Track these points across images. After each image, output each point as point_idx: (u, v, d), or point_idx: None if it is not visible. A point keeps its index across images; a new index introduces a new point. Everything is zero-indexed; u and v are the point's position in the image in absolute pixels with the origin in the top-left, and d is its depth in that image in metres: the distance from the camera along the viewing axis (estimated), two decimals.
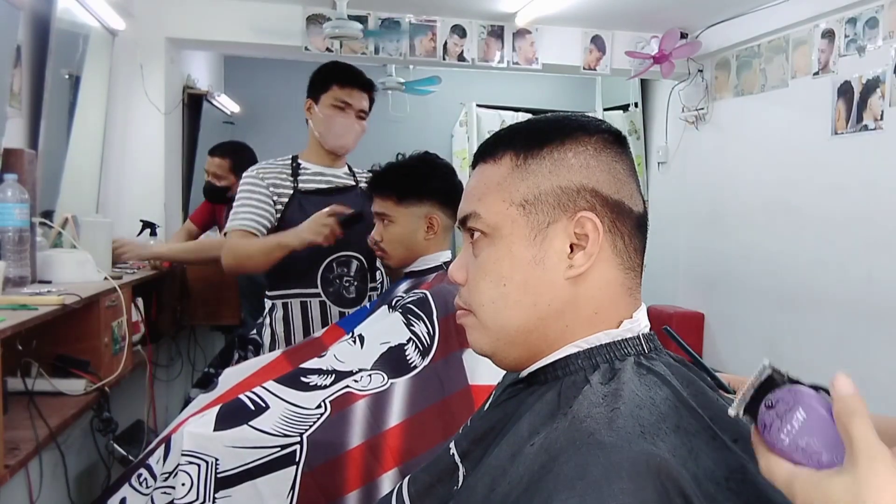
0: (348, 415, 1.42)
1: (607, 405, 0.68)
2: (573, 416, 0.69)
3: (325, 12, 3.58)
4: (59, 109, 2.75)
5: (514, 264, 0.78)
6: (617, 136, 0.81)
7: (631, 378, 0.72)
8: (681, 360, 0.79)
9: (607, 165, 0.78)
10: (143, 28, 3.36)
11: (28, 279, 2.00)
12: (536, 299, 0.77)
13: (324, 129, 2.16)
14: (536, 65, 3.97)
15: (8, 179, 1.93)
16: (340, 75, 2.17)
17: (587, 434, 0.65)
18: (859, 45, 3.06)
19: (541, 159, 0.78)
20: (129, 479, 1.50)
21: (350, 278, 2.16)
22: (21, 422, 1.74)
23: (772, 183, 3.64)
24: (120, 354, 2.24)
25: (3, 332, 1.48)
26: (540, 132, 0.80)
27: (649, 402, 0.69)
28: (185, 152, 3.79)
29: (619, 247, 0.77)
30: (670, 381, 0.72)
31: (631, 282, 0.79)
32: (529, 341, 0.79)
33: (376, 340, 1.56)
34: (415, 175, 1.82)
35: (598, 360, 0.75)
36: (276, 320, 2.16)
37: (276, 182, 2.14)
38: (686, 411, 0.70)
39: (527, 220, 0.77)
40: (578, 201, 0.76)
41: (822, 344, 3.27)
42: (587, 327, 0.77)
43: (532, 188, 0.78)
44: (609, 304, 0.77)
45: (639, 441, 0.63)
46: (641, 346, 0.77)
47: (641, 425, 0.66)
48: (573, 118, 0.82)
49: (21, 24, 2.33)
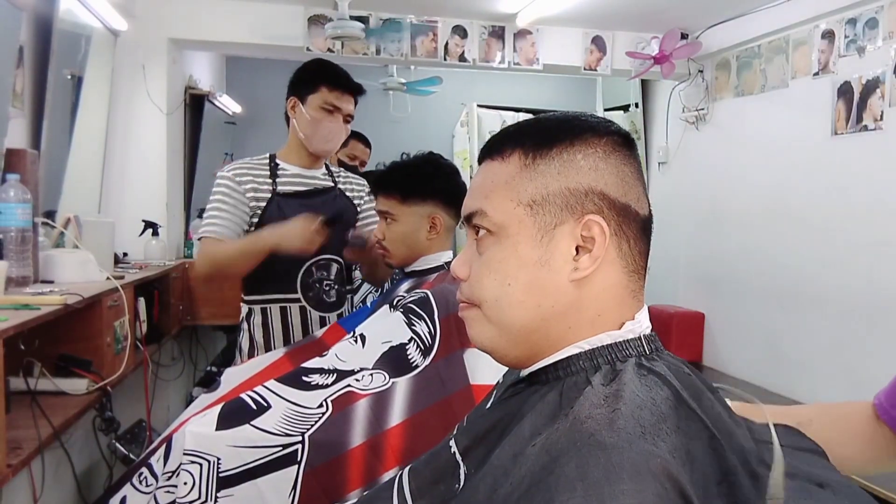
0: (350, 414, 1.42)
1: (608, 406, 0.69)
2: (574, 416, 0.69)
3: (326, 13, 3.58)
4: (62, 110, 2.76)
5: (520, 265, 0.78)
6: (626, 137, 0.81)
7: (632, 379, 0.72)
8: (681, 361, 0.79)
9: (616, 168, 0.78)
10: (145, 28, 3.37)
11: (30, 279, 2.01)
12: (541, 300, 0.77)
13: (310, 132, 2.12)
14: (537, 65, 3.97)
15: (10, 179, 1.94)
16: (330, 77, 2.12)
17: (588, 435, 0.65)
18: (859, 46, 3.06)
19: (550, 160, 0.78)
20: (131, 479, 1.51)
21: (330, 282, 2.14)
22: (23, 421, 1.75)
23: (772, 183, 3.64)
24: (122, 354, 2.25)
25: (5, 332, 1.49)
26: (549, 131, 0.80)
27: (650, 403, 0.69)
28: (186, 152, 3.79)
29: (624, 250, 0.77)
30: (671, 382, 0.72)
31: (634, 284, 0.79)
32: (531, 341, 0.79)
33: (377, 340, 1.56)
34: (419, 175, 1.82)
35: (600, 361, 0.75)
36: (255, 326, 2.14)
37: (254, 185, 2.09)
38: (686, 412, 0.70)
39: (534, 220, 0.77)
40: (586, 204, 0.76)
41: (822, 344, 3.27)
42: (590, 329, 0.77)
43: (540, 188, 0.77)
44: (612, 306, 0.77)
45: (639, 442, 0.64)
46: (643, 346, 0.77)
47: (642, 426, 0.66)
48: (583, 118, 0.81)
49: (23, 25, 2.33)
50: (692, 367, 0.79)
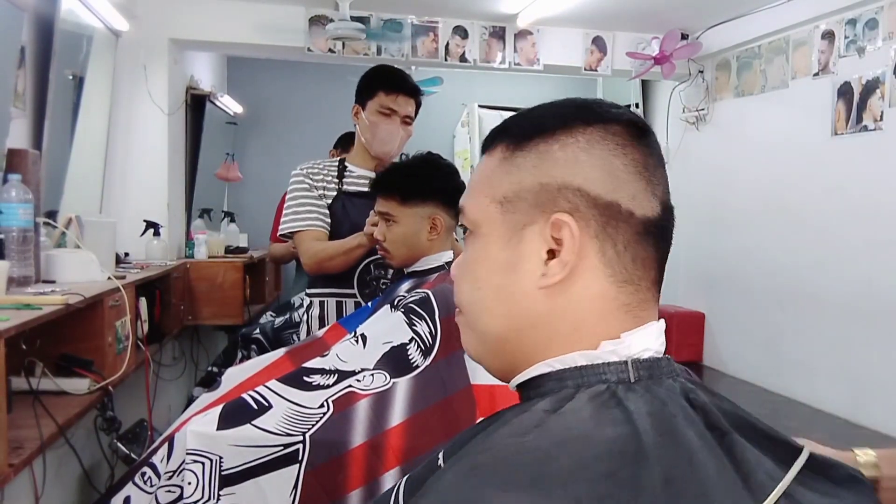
0: (350, 414, 1.42)
1: (522, 436, 0.59)
2: (489, 441, 0.62)
3: (327, 13, 3.59)
4: (63, 110, 2.76)
5: (490, 268, 0.70)
6: (631, 125, 0.69)
7: (581, 408, 0.61)
8: (706, 398, 0.65)
9: (602, 160, 0.67)
10: (146, 29, 3.37)
11: (32, 279, 2.02)
12: (509, 308, 0.69)
13: (370, 136, 2.19)
14: (538, 65, 3.98)
15: (12, 180, 1.95)
16: (386, 81, 2.20)
17: (471, 467, 0.58)
18: (859, 46, 3.06)
19: (527, 152, 0.69)
20: (133, 478, 1.51)
21: (387, 280, 2.18)
22: (25, 421, 1.75)
23: (772, 183, 3.65)
24: (123, 354, 2.26)
25: (7, 332, 1.49)
26: (535, 120, 0.71)
27: (581, 442, 0.57)
28: (188, 153, 3.80)
29: (609, 256, 0.66)
30: (635, 422, 0.59)
31: (628, 297, 0.67)
32: (507, 352, 0.71)
33: (378, 340, 1.56)
34: (419, 175, 1.83)
35: (570, 384, 0.65)
36: (313, 318, 2.21)
37: (323, 183, 2.19)
38: (639, 458, 0.56)
39: (503, 219, 0.69)
40: (559, 201, 0.66)
41: (822, 344, 3.28)
42: (565, 345, 0.66)
43: (514, 184, 0.69)
44: (595, 321, 0.66)
45: (516, 491, 0.54)
46: (627, 373, 0.64)
47: (542, 470, 0.56)
48: (580, 104, 0.71)
49: (25, 26, 2.34)
50: (722, 407, 0.65)
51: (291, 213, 2.19)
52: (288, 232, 2.19)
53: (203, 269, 3.47)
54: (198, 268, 3.46)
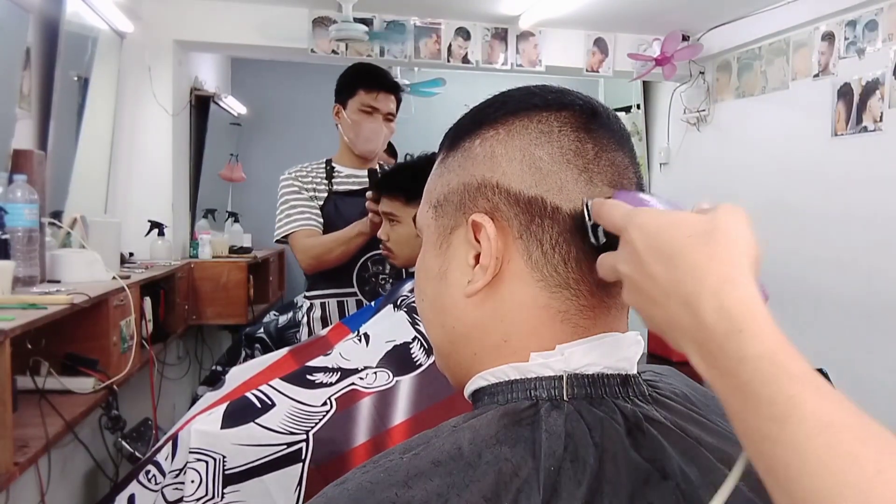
0: (354, 412, 1.43)
1: (402, 454, 0.55)
2: (381, 458, 0.57)
3: (330, 15, 3.60)
4: (68, 111, 2.78)
5: (426, 277, 0.66)
6: (565, 108, 0.61)
7: (486, 426, 0.55)
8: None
9: (521, 151, 0.60)
10: (151, 30, 3.39)
11: (37, 279, 2.03)
12: (443, 319, 0.64)
13: (353, 135, 2.20)
14: (540, 67, 3.99)
15: (17, 180, 1.96)
16: (366, 79, 2.20)
17: (342, 482, 0.55)
18: (859, 48, 3.07)
19: (455, 152, 0.65)
20: (138, 476, 1.52)
21: (386, 276, 2.19)
22: (30, 419, 1.76)
23: (772, 183, 3.66)
24: (128, 353, 2.27)
25: (12, 331, 1.51)
26: (468, 118, 0.66)
27: (455, 462, 0.53)
28: (192, 153, 3.81)
29: (534, 258, 0.59)
30: (538, 451, 0.52)
31: (564, 304, 0.59)
32: (451, 365, 0.67)
33: (381, 339, 1.58)
34: (423, 176, 1.83)
35: (499, 399, 0.59)
36: (315, 320, 2.22)
37: (312, 185, 2.21)
38: (521, 481, 0.51)
39: (436, 224, 0.65)
40: (478, 200, 0.61)
41: (822, 343, 3.29)
42: (497, 357, 0.60)
43: (444, 186, 0.65)
44: (525, 331, 0.59)
45: (386, 488, 0.52)
46: (559, 390, 0.57)
47: (410, 472, 0.52)
48: (511, 94, 0.64)
49: (30, 27, 2.35)
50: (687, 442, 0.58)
51: (284, 216, 2.19)
52: (282, 235, 2.20)
53: (207, 268, 3.48)
54: (202, 268, 3.47)
